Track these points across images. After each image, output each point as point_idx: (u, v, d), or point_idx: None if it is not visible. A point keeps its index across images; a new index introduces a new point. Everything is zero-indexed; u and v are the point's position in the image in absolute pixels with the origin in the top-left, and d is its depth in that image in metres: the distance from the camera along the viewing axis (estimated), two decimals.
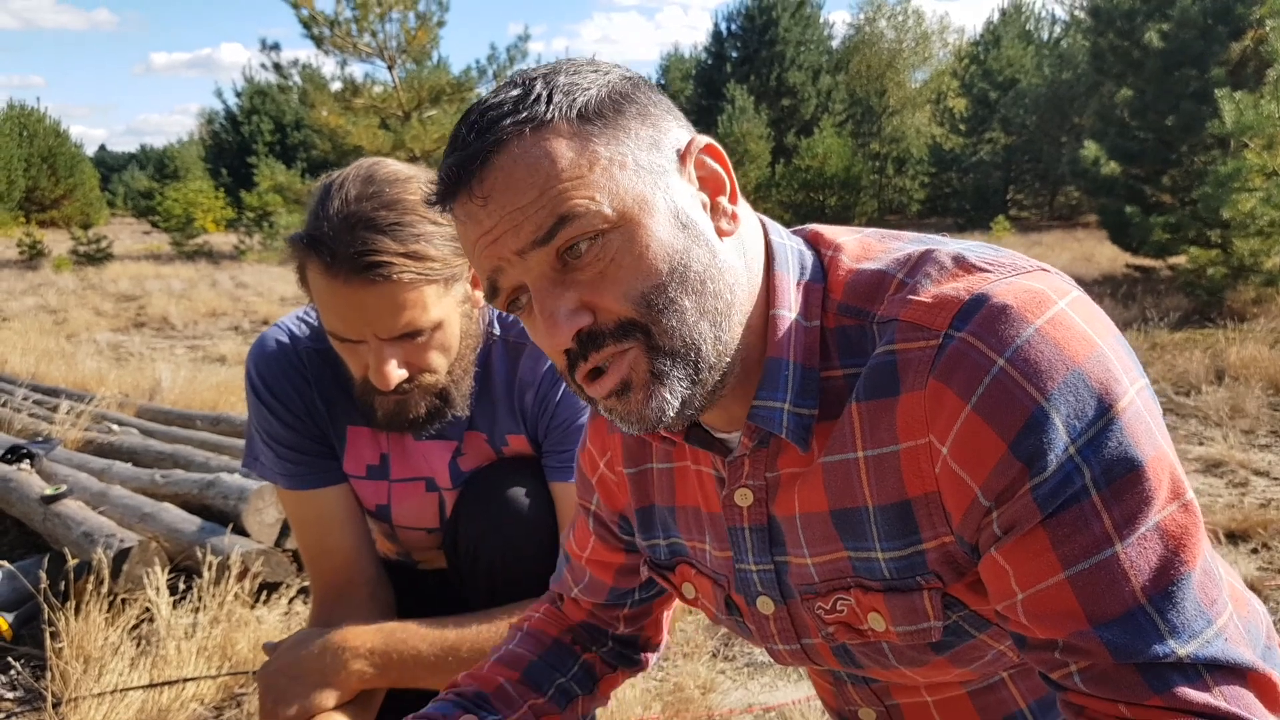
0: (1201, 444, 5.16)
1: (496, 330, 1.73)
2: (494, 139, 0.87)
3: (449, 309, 1.52)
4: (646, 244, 0.88)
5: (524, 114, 0.87)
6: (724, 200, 0.96)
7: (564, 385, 1.68)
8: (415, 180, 1.50)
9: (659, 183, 0.90)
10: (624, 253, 0.88)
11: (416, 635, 1.61)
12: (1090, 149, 13.56)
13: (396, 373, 1.48)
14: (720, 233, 0.94)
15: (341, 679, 1.57)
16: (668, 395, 0.91)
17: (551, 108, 0.88)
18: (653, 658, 1.43)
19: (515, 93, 0.89)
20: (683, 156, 0.94)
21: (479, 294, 1.62)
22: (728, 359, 0.94)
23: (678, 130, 0.95)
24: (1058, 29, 36.41)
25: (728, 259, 0.94)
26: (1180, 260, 11.28)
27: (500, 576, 1.69)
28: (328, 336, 1.55)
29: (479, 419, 1.73)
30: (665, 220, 0.90)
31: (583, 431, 1.64)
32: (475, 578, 1.72)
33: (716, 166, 0.96)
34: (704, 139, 0.96)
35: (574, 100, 0.89)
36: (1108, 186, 13.88)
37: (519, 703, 1.27)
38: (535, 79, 0.90)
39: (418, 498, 1.79)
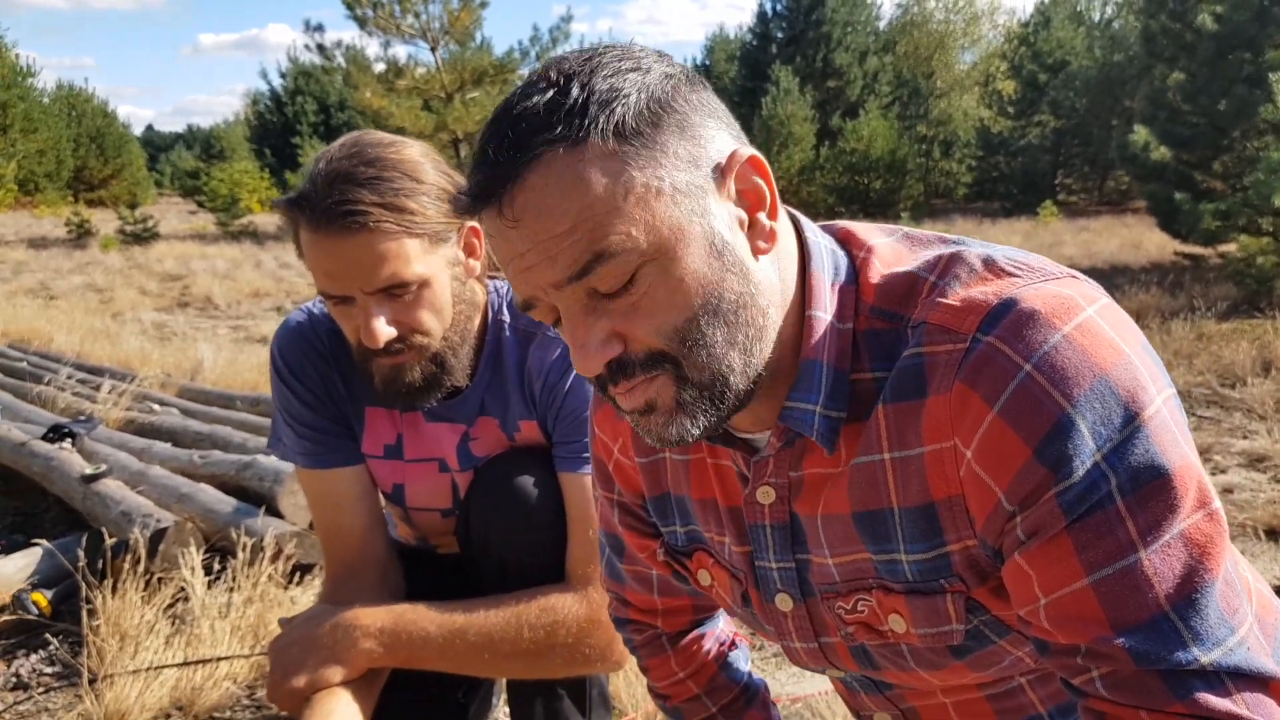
0: (1245, 438, 5.07)
1: (506, 318, 1.74)
2: (526, 157, 0.83)
3: (436, 267, 1.53)
4: (680, 276, 0.86)
5: (558, 129, 0.83)
6: (763, 216, 0.92)
7: (572, 375, 1.69)
8: (399, 144, 1.53)
9: (695, 207, 0.87)
10: (657, 285, 0.86)
11: (426, 617, 1.64)
12: (1140, 134, 13.36)
13: (385, 330, 1.49)
14: (757, 251, 0.92)
15: (351, 657, 1.61)
16: (688, 424, 0.93)
17: (587, 122, 0.83)
18: None
19: (549, 96, 0.84)
20: (723, 171, 0.90)
21: (474, 263, 1.63)
22: (756, 379, 0.93)
23: (720, 138, 0.91)
24: (1109, 10, 35.86)
25: (763, 278, 0.92)
26: (1230, 248, 11.09)
27: (510, 565, 1.71)
28: (324, 303, 1.57)
29: (491, 404, 1.75)
30: (700, 249, 0.87)
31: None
32: (486, 565, 1.74)
33: (759, 180, 0.91)
34: (747, 151, 0.91)
35: (611, 115, 0.84)
36: (1157, 172, 13.66)
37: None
38: (572, 79, 0.85)
39: (431, 478, 1.82)
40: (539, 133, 0.83)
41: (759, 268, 0.92)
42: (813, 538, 1.04)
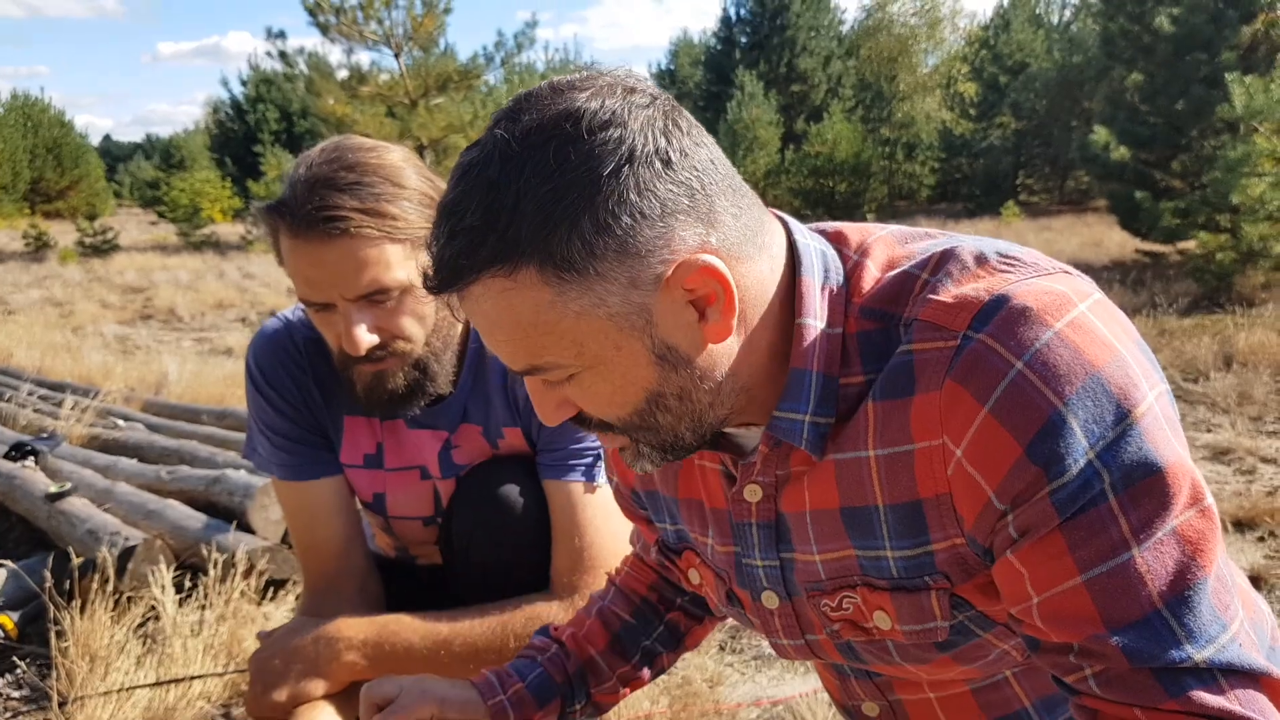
0: (1209, 431, 5.14)
1: None
2: (463, 280, 0.85)
3: (417, 273, 1.51)
4: (618, 384, 0.90)
5: (492, 258, 0.82)
6: (715, 310, 0.89)
7: None
8: (380, 149, 1.52)
9: (635, 323, 0.86)
10: (597, 386, 0.91)
11: (409, 629, 1.62)
12: (1100, 134, 13.52)
13: (366, 337, 1.48)
14: (709, 341, 0.90)
15: (333, 669, 1.59)
16: (649, 465, 0.99)
17: (520, 255, 0.82)
18: None
19: (485, 213, 0.82)
20: (668, 282, 0.86)
21: None
22: (718, 423, 0.97)
23: (676, 238, 0.85)
24: (1068, 13, 36.36)
25: (716, 358, 0.92)
26: (1189, 245, 11.25)
27: (492, 573, 1.70)
28: (305, 309, 1.55)
29: (473, 411, 1.73)
30: (639, 358, 0.88)
31: (577, 429, 1.65)
32: (468, 574, 1.73)
33: (713, 283, 0.87)
34: (701, 261, 0.86)
35: (546, 247, 0.81)
36: (1117, 171, 13.85)
37: (609, 674, 1.38)
38: (505, 190, 0.82)
39: (412, 486, 1.80)
40: (474, 254, 0.83)
41: (710, 350, 0.91)
42: (799, 535, 1.03)
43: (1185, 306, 9.24)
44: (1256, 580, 3.18)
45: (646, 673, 1.41)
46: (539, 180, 0.81)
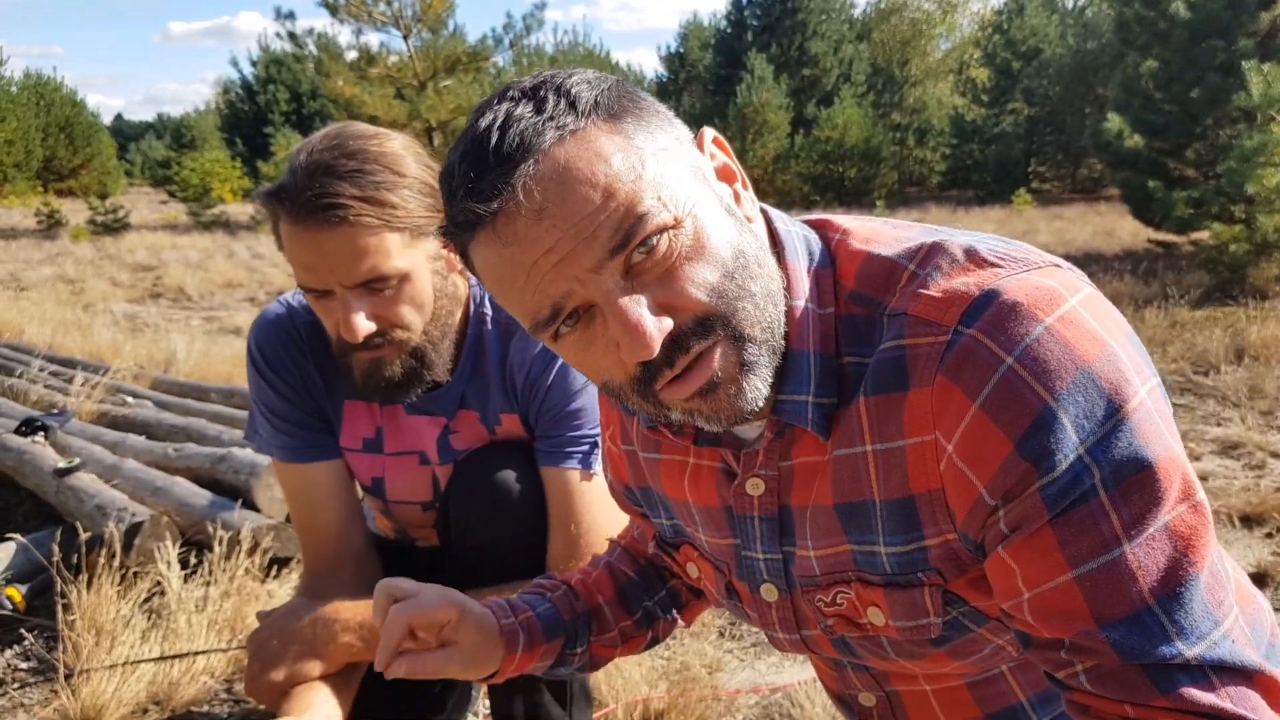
0: (1219, 425, 5.11)
1: (489, 311, 1.73)
2: (535, 148, 0.82)
3: (416, 261, 1.52)
4: (709, 234, 0.87)
5: (556, 122, 0.83)
6: (739, 188, 0.95)
7: (554, 368, 1.68)
8: (381, 136, 1.52)
9: (699, 173, 0.90)
10: (689, 247, 0.85)
11: None
12: (1114, 121, 13.42)
13: (364, 324, 1.48)
14: (748, 219, 0.94)
15: (329, 651, 1.60)
16: (759, 384, 0.90)
17: (580, 111, 0.84)
18: None
19: (527, 106, 0.84)
20: (699, 146, 0.93)
21: (455, 257, 1.62)
22: (782, 335, 0.93)
23: (680, 124, 0.93)
24: None
25: (762, 239, 0.94)
26: (1203, 236, 11.17)
27: (489, 557, 1.71)
28: (304, 296, 1.56)
29: (472, 398, 1.74)
30: (716, 209, 0.89)
31: (575, 417, 1.67)
32: (465, 557, 1.74)
33: (725, 158, 0.95)
34: (710, 130, 0.94)
35: (597, 103, 0.85)
36: (1131, 160, 13.74)
37: (612, 625, 1.36)
38: (539, 89, 0.85)
39: (411, 471, 1.81)
40: (538, 130, 0.82)
41: (753, 228, 0.94)
42: (800, 529, 1.03)
43: (1197, 298, 9.19)
44: (1264, 577, 3.16)
45: (645, 635, 1.39)
46: (558, 79, 0.87)
